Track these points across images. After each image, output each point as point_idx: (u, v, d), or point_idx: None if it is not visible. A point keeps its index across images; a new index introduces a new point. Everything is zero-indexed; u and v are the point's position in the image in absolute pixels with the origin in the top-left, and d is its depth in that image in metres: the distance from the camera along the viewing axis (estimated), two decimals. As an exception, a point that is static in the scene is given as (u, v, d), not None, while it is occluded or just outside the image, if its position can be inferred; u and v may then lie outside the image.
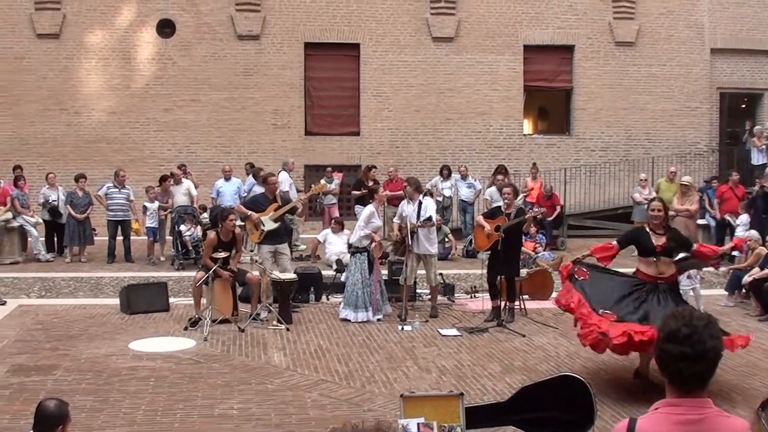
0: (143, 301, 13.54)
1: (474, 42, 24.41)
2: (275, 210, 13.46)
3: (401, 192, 15.88)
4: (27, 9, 22.90)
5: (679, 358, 3.04)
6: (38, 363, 10.27)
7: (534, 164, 22.44)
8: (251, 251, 14.38)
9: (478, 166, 23.81)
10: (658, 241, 9.35)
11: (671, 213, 18.68)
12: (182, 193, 18.21)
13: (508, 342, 11.63)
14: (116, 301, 14.02)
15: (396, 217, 13.77)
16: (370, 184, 18.88)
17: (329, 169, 21.52)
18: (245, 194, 18.44)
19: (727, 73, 25.84)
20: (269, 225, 13.36)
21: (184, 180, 18.59)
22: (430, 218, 13.19)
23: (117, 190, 18.12)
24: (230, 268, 12.87)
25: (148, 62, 23.37)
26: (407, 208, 13.31)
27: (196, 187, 18.86)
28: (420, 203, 13.29)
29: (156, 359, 10.52)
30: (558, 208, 20.94)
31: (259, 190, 16.45)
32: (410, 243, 12.99)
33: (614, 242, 9.93)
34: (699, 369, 3.06)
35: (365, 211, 13.55)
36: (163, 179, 18.63)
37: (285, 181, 18.01)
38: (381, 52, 24.08)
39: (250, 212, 13.49)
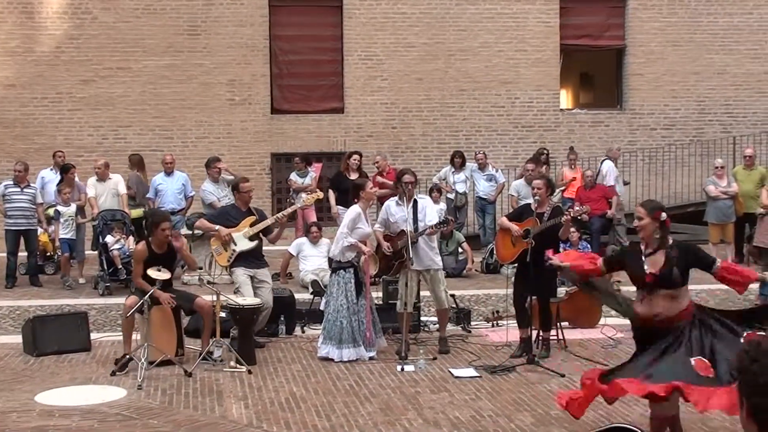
0: (55, 338, 13.49)
1: (494, -13, 24.46)
2: (251, 225, 13.44)
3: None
4: None
5: None
6: None
7: (572, 148, 22.27)
8: (200, 268, 14.32)
9: (500, 152, 23.89)
10: (652, 266, 8.49)
11: (759, 210, 18.72)
12: (111, 192, 18.16)
13: (543, 384, 11.65)
14: (18, 338, 14.00)
15: (378, 224, 13.64)
16: (353, 177, 18.48)
17: (297, 159, 20.85)
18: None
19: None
20: (243, 244, 13.33)
21: (112, 175, 18.52)
22: (445, 221, 13.19)
23: (18, 190, 17.99)
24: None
25: (58, 17, 23.33)
26: (396, 211, 13.18)
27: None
28: (415, 202, 13.16)
29: (72, 415, 10.48)
30: (612, 201, 20.30)
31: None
32: (409, 257, 12.90)
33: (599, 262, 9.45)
34: None
35: (349, 214, 13.24)
36: (65, 170, 18.48)
37: (611, 173, 20.22)
38: (370, 2, 24.10)
39: (218, 227, 13.46)
